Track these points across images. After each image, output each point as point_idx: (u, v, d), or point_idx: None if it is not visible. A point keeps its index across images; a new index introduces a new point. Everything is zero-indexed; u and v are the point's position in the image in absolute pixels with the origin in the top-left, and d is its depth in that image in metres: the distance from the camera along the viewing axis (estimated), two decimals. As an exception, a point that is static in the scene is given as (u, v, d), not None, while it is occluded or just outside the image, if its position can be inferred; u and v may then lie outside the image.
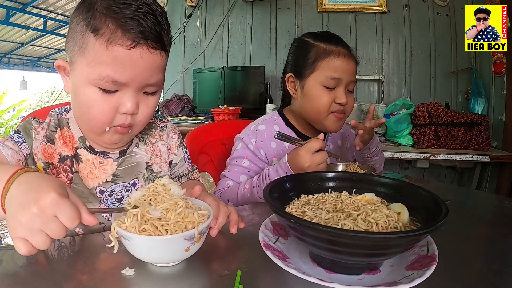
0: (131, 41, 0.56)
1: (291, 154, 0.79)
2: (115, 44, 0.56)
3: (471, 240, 0.62)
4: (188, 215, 0.48)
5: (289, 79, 0.99)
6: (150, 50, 0.58)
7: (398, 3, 2.63)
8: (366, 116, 1.02)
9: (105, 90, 0.59)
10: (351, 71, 0.94)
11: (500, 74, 2.29)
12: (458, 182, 2.53)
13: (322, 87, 0.93)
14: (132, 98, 0.60)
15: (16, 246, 0.40)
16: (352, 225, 0.45)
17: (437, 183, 1.89)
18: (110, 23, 0.56)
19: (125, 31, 0.56)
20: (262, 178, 0.83)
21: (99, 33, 0.56)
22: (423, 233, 0.39)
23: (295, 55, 0.99)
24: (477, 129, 2.17)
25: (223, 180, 0.97)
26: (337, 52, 0.92)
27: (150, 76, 0.61)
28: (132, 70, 0.58)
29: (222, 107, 2.50)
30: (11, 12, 4.14)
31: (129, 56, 0.56)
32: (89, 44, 0.57)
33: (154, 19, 0.58)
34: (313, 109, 0.95)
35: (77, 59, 0.59)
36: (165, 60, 0.63)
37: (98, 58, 0.57)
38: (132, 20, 0.56)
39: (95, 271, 0.47)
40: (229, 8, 2.88)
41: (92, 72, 0.57)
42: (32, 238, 0.40)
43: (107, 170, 0.71)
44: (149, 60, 0.59)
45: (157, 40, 0.59)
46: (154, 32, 0.58)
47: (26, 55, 6.22)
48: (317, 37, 0.96)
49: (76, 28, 0.59)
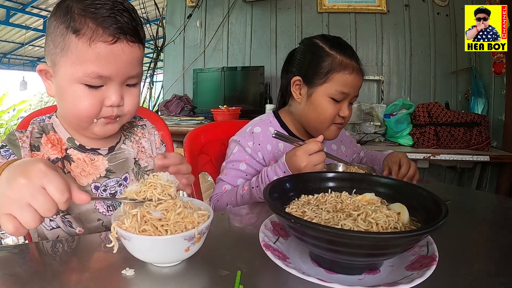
0: (112, 36, 0.60)
1: (289, 154, 0.79)
2: (98, 41, 0.59)
3: (471, 240, 0.62)
4: (188, 215, 0.48)
5: (295, 82, 0.97)
6: (130, 44, 0.62)
7: (398, 3, 2.63)
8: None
9: (91, 86, 0.62)
10: (358, 86, 0.95)
11: (500, 74, 2.29)
12: (458, 182, 2.53)
13: (329, 99, 0.92)
14: (117, 91, 0.64)
15: (3, 224, 0.40)
16: (352, 225, 0.45)
17: (437, 183, 1.89)
18: (90, 23, 0.59)
19: (105, 28, 0.59)
20: (261, 178, 0.83)
21: (80, 33, 0.59)
22: (423, 233, 0.39)
23: (307, 60, 0.96)
24: (477, 129, 2.17)
25: (220, 184, 0.96)
26: (351, 68, 0.91)
27: (132, 68, 0.65)
28: (115, 64, 0.61)
29: (222, 107, 2.50)
30: (11, 12, 4.15)
31: (111, 51, 0.60)
32: (71, 45, 0.60)
33: (129, 15, 0.62)
34: (317, 119, 0.95)
35: (60, 61, 0.62)
36: (142, 52, 0.67)
37: (82, 56, 0.59)
38: (109, 18, 0.60)
39: (95, 271, 0.47)
40: (229, 8, 2.88)
41: (77, 71, 0.60)
42: (20, 214, 0.40)
43: (99, 166, 0.72)
44: (130, 53, 0.63)
45: (135, 34, 0.63)
46: (131, 27, 0.62)
47: (26, 55, 6.23)
48: (332, 44, 0.94)
49: (55, 31, 0.61)
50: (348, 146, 1.15)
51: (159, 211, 0.47)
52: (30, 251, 0.54)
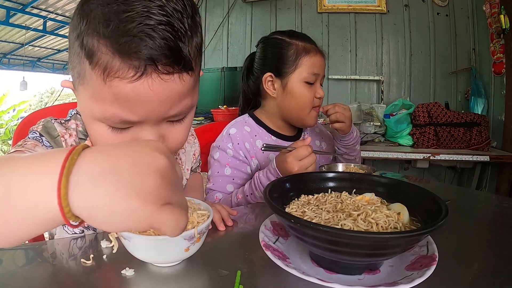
0: (134, 70, 0.41)
1: (280, 159, 0.79)
2: (113, 77, 0.41)
3: (471, 240, 0.62)
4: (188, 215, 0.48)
5: (267, 79, 1.00)
6: (162, 78, 0.43)
7: (397, 3, 2.63)
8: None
9: (116, 128, 0.47)
10: (324, 66, 1.00)
11: (499, 74, 2.29)
12: (458, 182, 2.53)
13: (304, 84, 0.96)
14: (152, 131, 0.47)
15: (165, 220, 0.27)
16: (352, 225, 0.45)
17: (437, 183, 1.88)
18: (105, 46, 0.41)
19: (124, 57, 0.41)
20: (254, 184, 0.83)
21: (93, 60, 0.42)
22: (423, 233, 0.39)
23: (272, 55, 1.00)
24: (476, 129, 2.17)
25: (210, 193, 0.96)
26: (314, 50, 0.97)
27: (169, 109, 0.46)
28: (143, 106, 0.44)
29: (222, 108, 2.50)
30: (11, 12, 4.14)
31: (134, 91, 0.42)
32: (87, 73, 0.43)
33: (169, 29, 0.41)
34: (298, 106, 0.97)
35: (79, 87, 0.47)
36: (189, 82, 0.46)
37: (98, 93, 0.43)
38: (134, 38, 0.40)
39: (95, 271, 0.47)
40: (229, 8, 2.88)
41: (96, 108, 0.45)
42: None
43: None
44: (162, 90, 0.43)
45: (173, 61, 0.42)
46: (167, 50, 0.41)
47: (26, 56, 6.22)
48: (289, 35, 0.99)
49: (73, 47, 0.45)
50: (328, 144, 1.16)
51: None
52: (30, 251, 0.54)
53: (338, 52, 2.73)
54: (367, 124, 2.35)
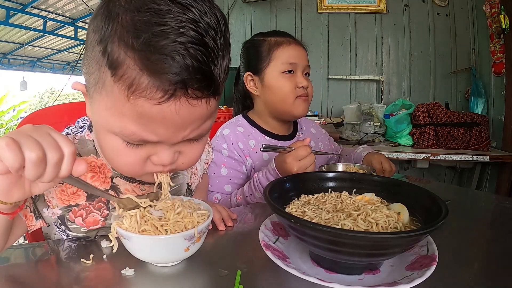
0: (163, 92, 0.38)
1: (279, 160, 0.79)
2: (139, 96, 0.39)
3: (471, 240, 0.62)
4: (188, 215, 0.48)
5: (248, 78, 1.03)
6: (190, 102, 0.40)
7: (397, 3, 2.64)
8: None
9: (131, 143, 0.45)
10: (304, 56, 0.99)
11: (499, 74, 2.29)
12: (458, 182, 2.53)
13: (281, 74, 0.96)
14: (169, 149, 0.46)
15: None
16: (352, 225, 0.45)
17: (437, 183, 1.88)
18: (133, 60, 0.38)
19: (154, 76, 0.38)
20: (253, 185, 0.83)
21: (118, 74, 0.39)
22: (423, 233, 0.39)
23: (248, 55, 1.04)
24: (476, 129, 2.17)
25: (209, 195, 0.96)
26: (287, 42, 0.98)
27: (190, 131, 0.45)
28: (166, 128, 0.42)
29: (222, 107, 2.50)
30: (11, 12, 4.15)
31: (160, 113, 0.40)
32: (107, 84, 0.40)
33: (202, 49, 0.39)
34: (279, 98, 0.97)
35: (94, 95, 0.44)
36: (214, 105, 0.45)
37: (119, 108, 0.41)
38: (167, 57, 0.37)
39: (95, 270, 0.47)
40: (229, 8, 2.88)
41: (113, 122, 0.42)
42: (25, 141, 0.35)
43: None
44: (188, 115, 0.42)
45: (204, 86, 0.40)
46: (199, 74, 0.39)
47: (26, 56, 6.23)
48: (266, 33, 1.03)
49: (91, 49, 0.42)
50: (325, 144, 1.16)
51: (160, 211, 0.47)
52: (30, 251, 0.54)
53: (338, 52, 2.73)
54: (367, 124, 2.35)
